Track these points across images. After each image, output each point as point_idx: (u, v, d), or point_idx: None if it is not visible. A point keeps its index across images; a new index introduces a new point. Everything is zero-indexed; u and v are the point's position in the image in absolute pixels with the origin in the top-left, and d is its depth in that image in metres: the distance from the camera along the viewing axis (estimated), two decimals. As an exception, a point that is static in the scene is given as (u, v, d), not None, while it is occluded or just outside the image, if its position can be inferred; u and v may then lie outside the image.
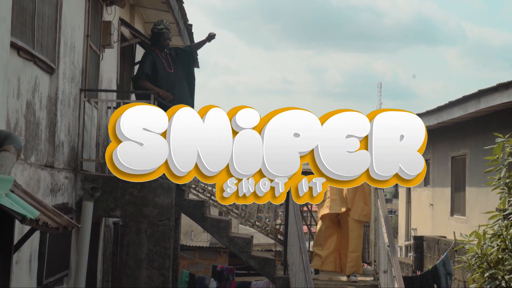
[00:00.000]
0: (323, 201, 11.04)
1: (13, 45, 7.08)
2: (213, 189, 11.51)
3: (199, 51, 12.50)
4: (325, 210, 11.03)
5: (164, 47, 11.52)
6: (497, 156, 6.70)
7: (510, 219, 6.40)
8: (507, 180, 6.58)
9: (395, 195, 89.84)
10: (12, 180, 5.33)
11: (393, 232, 14.98)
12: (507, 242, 6.38)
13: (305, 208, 14.32)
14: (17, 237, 6.32)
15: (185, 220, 20.71)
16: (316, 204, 11.43)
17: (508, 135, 6.86)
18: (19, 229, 6.88)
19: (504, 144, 6.71)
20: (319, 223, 11.20)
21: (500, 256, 6.36)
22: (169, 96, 11.04)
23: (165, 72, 11.35)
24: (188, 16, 15.15)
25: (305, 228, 11.62)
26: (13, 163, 5.76)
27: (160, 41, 11.47)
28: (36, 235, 7.98)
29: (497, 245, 6.43)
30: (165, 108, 10.58)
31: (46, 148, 8.61)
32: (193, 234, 29.33)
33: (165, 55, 11.52)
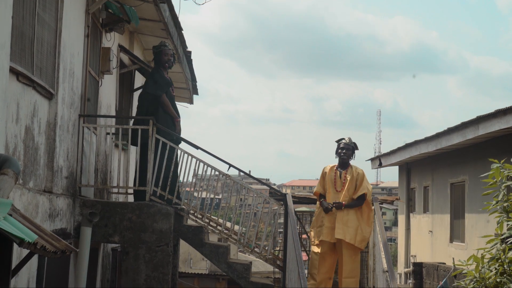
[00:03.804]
0: (320, 226, 11.03)
1: (12, 70, 7.11)
2: (212, 215, 11.52)
3: (198, 79, 12.55)
4: (322, 237, 11.02)
5: (166, 63, 11.54)
6: (495, 179, 6.70)
7: (508, 243, 6.39)
8: (505, 204, 6.58)
9: (395, 223, 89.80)
10: (10, 203, 5.32)
11: (393, 260, 14.98)
12: (505, 266, 6.36)
13: (304, 236, 14.31)
14: (15, 262, 6.30)
15: (184, 247, 20.70)
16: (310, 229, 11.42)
17: (503, 160, 6.87)
18: (17, 254, 6.87)
19: (500, 169, 6.71)
20: (315, 247, 11.11)
21: (498, 280, 6.34)
22: (179, 129, 11.16)
23: (171, 94, 11.46)
24: (189, 45, 15.24)
25: (304, 255, 11.59)
26: (11, 186, 5.76)
27: (162, 58, 11.50)
28: (34, 260, 7.96)
29: (495, 269, 6.41)
30: (165, 135, 10.68)
31: (44, 173, 8.62)
32: (192, 261, 29.30)
33: (168, 77, 11.61)
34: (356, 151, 11.52)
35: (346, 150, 11.36)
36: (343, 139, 11.51)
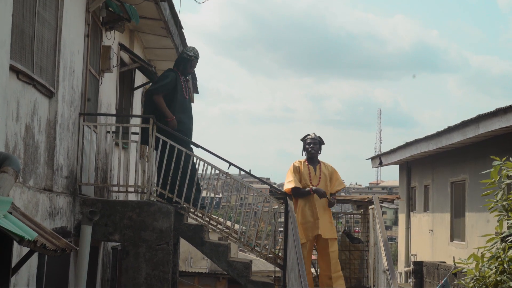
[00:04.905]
0: (314, 219, 11.06)
1: (12, 68, 7.10)
2: (212, 214, 11.51)
3: (198, 78, 12.58)
4: (318, 231, 11.08)
5: (187, 74, 11.71)
6: (494, 179, 6.70)
7: (508, 242, 6.39)
8: (504, 203, 6.58)
9: (395, 222, 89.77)
10: (10, 201, 5.32)
11: (393, 259, 14.90)
12: (505, 264, 6.36)
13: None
14: (15, 260, 6.30)
15: (184, 246, 20.71)
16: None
17: (505, 158, 6.87)
18: (17, 252, 6.87)
19: (501, 167, 6.71)
20: (304, 246, 11.10)
21: (498, 279, 6.33)
22: (174, 125, 11.13)
23: (182, 97, 11.47)
24: (189, 44, 15.22)
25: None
26: (11, 184, 5.76)
27: (185, 67, 11.63)
28: (34, 258, 7.96)
29: (495, 267, 6.41)
30: (166, 133, 10.68)
31: (44, 172, 8.61)
32: (193, 260, 29.30)
33: (185, 81, 11.65)
34: (322, 146, 11.76)
35: (314, 145, 11.60)
36: (308, 135, 11.71)
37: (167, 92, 11.32)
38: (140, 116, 11.03)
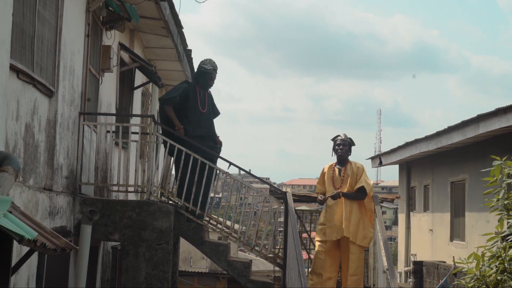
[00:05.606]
0: (324, 223, 10.96)
1: (12, 68, 7.10)
2: (212, 214, 11.50)
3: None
4: (323, 237, 10.92)
5: (206, 86, 11.60)
6: (495, 177, 6.70)
7: (509, 241, 6.39)
8: (506, 202, 6.58)
9: (395, 222, 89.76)
10: (10, 200, 5.32)
11: (393, 259, 14.93)
12: (505, 263, 6.36)
13: (305, 235, 14.27)
14: (15, 259, 6.30)
15: (184, 246, 20.70)
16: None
17: (505, 157, 6.87)
18: (17, 251, 6.87)
19: (502, 166, 6.72)
20: (317, 246, 11.04)
21: (499, 278, 6.33)
22: (181, 135, 11.10)
23: (196, 109, 11.36)
24: (189, 44, 15.23)
25: (304, 254, 11.54)
26: (11, 184, 5.76)
27: (205, 81, 11.55)
28: (34, 258, 7.94)
29: (496, 266, 6.41)
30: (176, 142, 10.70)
31: (44, 171, 8.61)
32: (192, 260, 29.30)
33: (203, 94, 11.55)
34: (353, 147, 11.47)
35: (343, 146, 11.24)
36: (339, 135, 11.40)
37: (176, 104, 11.27)
38: (140, 116, 11.02)
